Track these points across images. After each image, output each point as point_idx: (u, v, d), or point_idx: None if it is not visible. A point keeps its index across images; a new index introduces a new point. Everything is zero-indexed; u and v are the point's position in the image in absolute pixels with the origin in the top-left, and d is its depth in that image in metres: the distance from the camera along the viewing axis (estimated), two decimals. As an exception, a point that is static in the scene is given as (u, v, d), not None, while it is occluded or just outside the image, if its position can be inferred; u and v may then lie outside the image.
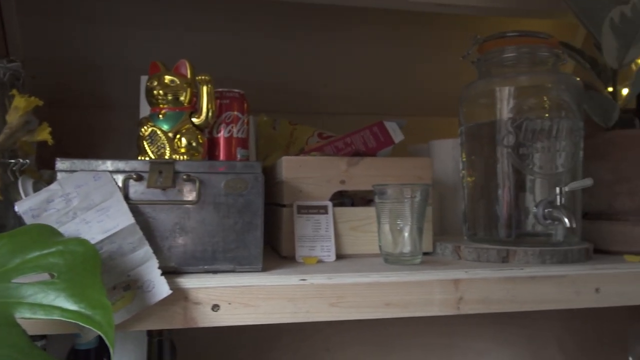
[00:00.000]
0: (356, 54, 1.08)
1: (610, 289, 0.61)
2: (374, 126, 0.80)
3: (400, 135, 0.79)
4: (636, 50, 0.71)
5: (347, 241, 0.67)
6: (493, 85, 0.67)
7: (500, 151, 0.65)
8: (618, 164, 0.69)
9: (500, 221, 0.66)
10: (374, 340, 0.92)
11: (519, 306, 0.59)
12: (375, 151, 0.79)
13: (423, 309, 0.56)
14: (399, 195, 0.62)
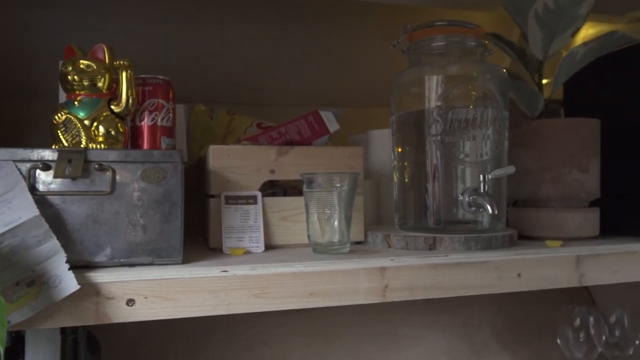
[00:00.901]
0: (299, 45, 1.06)
1: (531, 273, 0.63)
2: (309, 115, 0.79)
3: (336, 125, 0.79)
4: (560, 42, 0.73)
5: (278, 231, 0.66)
6: (422, 74, 0.67)
7: (428, 140, 0.66)
8: (542, 152, 0.71)
9: (428, 209, 0.67)
10: (313, 332, 0.92)
11: (443, 292, 0.60)
12: (311, 140, 0.78)
13: (348, 298, 0.56)
14: (327, 184, 0.61)
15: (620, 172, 0.75)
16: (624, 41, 0.74)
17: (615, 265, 0.67)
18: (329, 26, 1.08)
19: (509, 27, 1.09)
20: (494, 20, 1.06)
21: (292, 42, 1.06)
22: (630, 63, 0.74)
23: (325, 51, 1.08)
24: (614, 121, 0.75)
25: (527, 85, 0.75)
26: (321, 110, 0.80)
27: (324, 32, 1.08)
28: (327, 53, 1.08)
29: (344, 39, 1.09)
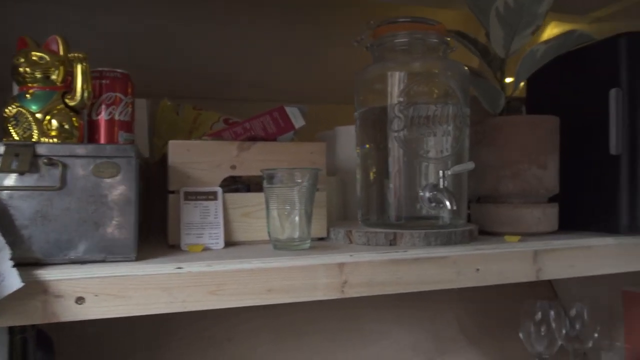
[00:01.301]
0: (268, 40, 1.06)
1: (490, 268, 0.64)
2: (274, 111, 0.79)
3: (302, 121, 0.78)
4: (521, 40, 0.74)
5: (239, 228, 0.66)
6: (384, 70, 0.67)
7: (390, 136, 0.66)
8: (502, 148, 0.72)
9: (390, 205, 0.67)
10: (279, 328, 0.92)
11: (403, 288, 0.60)
12: (275, 136, 0.78)
13: (307, 294, 0.56)
14: (287, 180, 0.61)
15: (578, 169, 0.76)
16: (583, 40, 0.75)
17: (571, 259, 0.68)
18: (298, 22, 1.08)
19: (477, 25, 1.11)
20: (462, 19, 1.07)
21: (261, 38, 1.05)
22: (588, 61, 0.75)
23: (294, 47, 1.07)
24: (573, 118, 0.76)
25: (488, 82, 0.75)
26: (287, 106, 0.79)
27: (294, 27, 1.07)
28: (297, 49, 1.07)
29: (313, 34, 1.08)
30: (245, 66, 1.06)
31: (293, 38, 1.07)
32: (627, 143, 0.70)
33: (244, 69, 1.06)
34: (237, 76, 1.06)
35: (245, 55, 1.06)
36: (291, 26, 1.07)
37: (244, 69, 1.06)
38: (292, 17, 1.08)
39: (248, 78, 1.07)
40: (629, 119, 0.70)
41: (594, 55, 0.74)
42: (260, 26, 1.05)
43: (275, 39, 1.07)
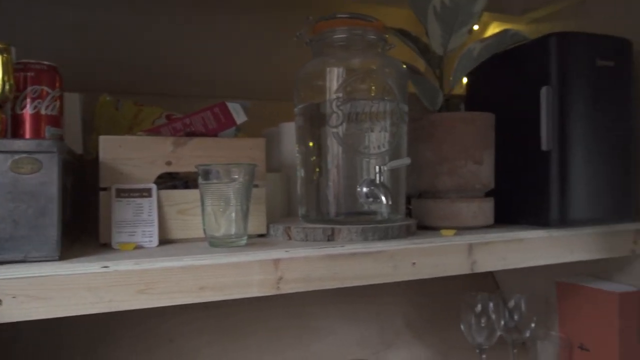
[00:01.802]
0: (217, 35, 1.04)
1: (426, 261, 0.65)
2: (215, 107, 0.77)
3: (243, 117, 0.77)
4: (458, 38, 0.76)
5: (175, 225, 0.64)
6: (323, 66, 0.67)
7: (328, 132, 0.66)
8: (440, 145, 0.73)
9: (329, 201, 0.67)
10: (224, 328, 0.91)
11: (340, 282, 0.60)
12: (216, 132, 0.77)
13: (241, 291, 0.55)
14: (222, 176, 0.60)
15: (512, 164, 0.79)
16: (517, 39, 0.77)
17: (504, 252, 0.70)
18: (245, 17, 1.06)
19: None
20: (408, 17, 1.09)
21: (208, 33, 1.04)
22: (521, 60, 0.78)
23: (242, 43, 1.06)
24: (509, 115, 0.79)
25: (426, 79, 0.77)
26: (229, 101, 0.78)
27: (241, 23, 1.06)
28: (245, 45, 1.06)
29: (260, 30, 1.07)
30: (191, 61, 1.04)
31: (240, 34, 1.06)
32: (557, 139, 0.72)
33: (190, 64, 1.04)
34: (183, 71, 1.04)
35: (191, 50, 1.04)
36: (238, 22, 1.06)
37: (189, 64, 1.04)
38: (239, 12, 1.06)
39: (194, 73, 1.05)
40: (558, 116, 0.72)
41: (527, 55, 0.77)
42: (207, 21, 1.04)
43: (222, 35, 1.05)
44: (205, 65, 1.04)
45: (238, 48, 1.06)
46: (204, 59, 1.04)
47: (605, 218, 0.76)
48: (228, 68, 1.06)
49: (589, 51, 0.73)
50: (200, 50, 1.04)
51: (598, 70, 0.74)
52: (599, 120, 0.74)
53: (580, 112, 0.73)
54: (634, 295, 0.82)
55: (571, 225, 0.74)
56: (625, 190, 0.77)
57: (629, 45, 0.77)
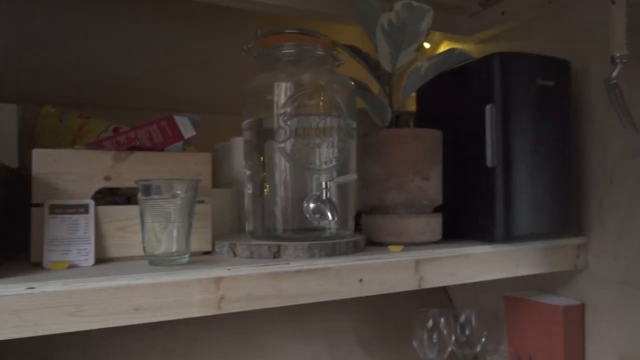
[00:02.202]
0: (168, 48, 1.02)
1: (373, 278, 0.64)
2: (162, 120, 0.76)
3: (192, 131, 0.76)
4: (406, 56, 0.77)
5: (114, 243, 0.62)
6: (270, 80, 0.67)
7: (275, 147, 0.65)
8: (388, 160, 0.73)
9: (276, 218, 0.66)
10: (170, 348, 0.87)
11: (284, 301, 0.59)
12: (163, 147, 0.74)
13: (180, 311, 0.53)
14: (163, 191, 0.58)
15: (460, 180, 0.80)
16: (462, 58, 0.79)
17: (452, 267, 0.71)
18: (199, 31, 1.05)
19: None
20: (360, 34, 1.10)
21: (161, 45, 1.02)
22: (467, 79, 0.79)
23: (197, 56, 1.05)
24: (456, 132, 0.80)
25: (375, 96, 0.77)
26: (177, 115, 0.76)
27: (195, 36, 1.05)
28: (200, 58, 1.05)
29: (216, 44, 1.06)
30: (142, 74, 1.02)
31: (195, 47, 1.05)
32: (501, 156, 0.74)
33: (141, 76, 1.02)
34: (134, 84, 1.02)
35: (143, 63, 1.01)
36: (192, 35, 1.05)
37: (140, 76, 1.02)
38: (194, 26, 1.05)
39: (145, 86, 1.03)
40: (502, 133, 0.74)
41: (472, 73, 0.78)
42: (160, 33, 1.02)
43: (177, 47, 1.03)
44: (157, 78, 1.02)
45: (191, 61, 1.05)
46: (156, 72, 1.02)
47: (549, 233, 0.78)
48: (180, 81, 1.04)
49: (531, 71, 0.76)
50: (152, 63, 1.02)
51: (539, 90, 0.76)
52: (541, 138, 0.76)
53: (523, 129, 0.75)
54: (577, 309, 0.84)
55: (516, 240, 0.76)
56: (567, 206, 0.79)
57: (568, 66, 0.80)
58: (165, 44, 1.03)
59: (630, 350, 0.78)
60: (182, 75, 1.05)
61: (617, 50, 0.72)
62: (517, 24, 0.97)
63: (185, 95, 1.07)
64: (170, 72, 1.03)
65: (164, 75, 1.03)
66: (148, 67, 1.02)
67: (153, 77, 1.02)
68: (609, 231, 0.81)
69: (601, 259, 0.82)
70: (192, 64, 1.05)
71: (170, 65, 1.04)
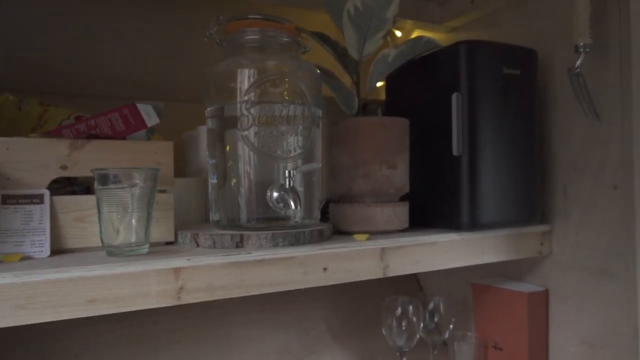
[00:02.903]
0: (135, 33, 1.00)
1: (337, 267, 0.64)
2: (124, 108, 0.74)
3: (156, 119, 0.74)
4: (373, 43, 0.76)
5: (71, 234, 0.60)
6: (233, 67, 0.65)
7: (238, 135, 0.64)
8: (355, 149, 0.73)
9: (240, 206, 0.66)
10: (136, 340, 0.86)
11: (246, 291, 0.58)
12: (125, 135, 0.73)
13: (138, 302, 0.52)
14: (121, 181, 0.56)
15: (427, 169, 0.80)
16: (430, 46, 0.79)
17: (417, 255, 0.71)
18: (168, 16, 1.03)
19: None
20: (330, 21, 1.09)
21: (127, 30, 0.99)
22: (435, 67, 0.79)
23: (164, 42, 1.02)
24: (424, 121, 0.80)
25: (342, 84, 0.77)
26: (140, 102, 0.75)
27: (163, 22, 1.02)
28: (167, 44, 1.02)
29: (184, 30, 1.04)
30: (110, 61, 0.99)
31: (162, 33, 1.02)
32: (467, 144, 0.74)
33: (108, 64, 0.99)
34: (99, 71, 0.99)
35: (110, 49, 0.99)
36: (161, 21, 1.02)
37: (107, 64, 0.99)
38: (161, 12, 1.02)
39: (109, 74, 1.00)
40: (468, 122, 0.74)
41: (440, 62, 0.78)
42: (127, 19, 0.99)
43: (142, 33, 1.01)
44: (124, 65, 1.00)
45: (159, 49, 1.02)
46: (123, 59, 0.99)
47: (514, 221, 0.79)
48: (148, 69, 1.02)
49: (496, 59, 0.76)
50: (119, 50, 0.99)
51: (505, 78, 0.76)
52: (506, 126, 0.77)
53: (488, 118, 0.75)
54: (541, 295, 0.85)
55: (482, 228, 0.76)
56: (531, 194, 0.80)
57: (534, 55, 0.81)
58: (132, 30, 1.00)
59: (590, 334, 0.80)
60: (150, 62, 1.02)
61: (581, 39, 0.73)
62: (486, 12, 0.97)
63: (153, 83, 1.05)
64: (137, 59, 1.01)
65: (132, 63, 1.01)
66: (115, 54, 0.99)
67: (120, 64, 1.00)
68: (572, 219, 0.82)
69: (564, 246, 0.83)
70: (160, 52, 1.03)
71: (137, 52, 1.01)
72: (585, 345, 0.80)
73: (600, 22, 0.76)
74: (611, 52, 0.76)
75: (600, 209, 0.78)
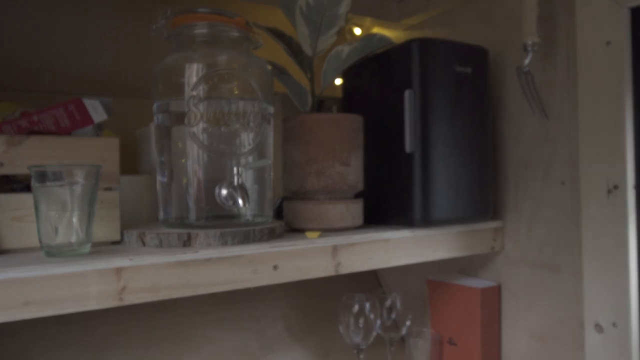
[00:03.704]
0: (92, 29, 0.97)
1: (288, 265, 0.64)
2: (70, 103, 0.71)
3: (103, 115, 0.72)
4: (326, 40, 0.76)
5: (9, 234, 0.57)
6: (182, 62, 0.64)
7: (185, 131, 0.63)
8: (307, 145, 0.72)
9: (188, 204, 0.64)
10: (86, 342, 0.83)
11: (192, 290, 0.57)
12: (70, 131, 0.70)
13: (76, 304, 0.51)
14: (60, 178, 0.54)
15: (382, 166, 0.80)
16: (383, 43, 0.79)
17: (370, 252, 0.71)
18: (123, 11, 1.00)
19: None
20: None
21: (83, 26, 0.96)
22: (389, 64, 0.79)
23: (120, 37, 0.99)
24: (379, 118, 0.80)
25: (295, 80, 0.76)
26: (87, 98, 0.72)
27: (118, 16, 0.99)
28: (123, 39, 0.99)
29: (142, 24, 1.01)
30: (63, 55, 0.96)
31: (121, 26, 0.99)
32: (419, 142, 0.75)
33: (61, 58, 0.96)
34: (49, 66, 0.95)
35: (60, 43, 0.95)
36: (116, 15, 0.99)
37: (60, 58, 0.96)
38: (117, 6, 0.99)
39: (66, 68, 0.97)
40: (420, 119, 0.75)
41: (393, 59, 0.78)
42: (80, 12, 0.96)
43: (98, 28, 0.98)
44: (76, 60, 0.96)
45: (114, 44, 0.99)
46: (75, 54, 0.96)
47: (466, 217, 0.80)
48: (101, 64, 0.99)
49: (449, 57, 0.76)
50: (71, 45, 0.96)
51: (457, 76, 0.77)
52: (458, 124, 0.77)
53: (440, 115, 0.76)
54: (493, 290, 0.87)
55: (434, 225, 0.77)
56: (483, 190, 0.81)
57: (485, 53, 0.82)
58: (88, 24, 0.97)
59: (539, 327, 0.82)
60: (103, 57, 0.99)
61: (529, 38, 0.74)
62: (442, 11, 0.98)
63: (107, 79, 1.02)
64: (91, 54, 0.98)
65: (85, 58, 0.97)
66: (65, 48, 0.96)
67: (72, 59, 0.96)
68: (523, 215, 0.84)
69: (516, 242, 0.85)
70: (115, 47, 1.00)
71: (91, 47, 0.98)
72: (535, 339, 0.82)
73: (549, 22, 0.78)
74: (559, 52, 0.77)
75: (549, 205, 0.80)
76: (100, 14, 0.98)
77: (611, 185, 0.69)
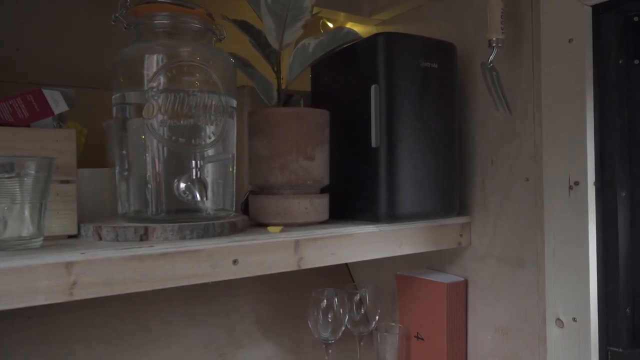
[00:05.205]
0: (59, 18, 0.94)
1: (249, 259, 0.63)
2: (29, 94, 0.70)
3: (64, 106, 0.71)
4: (292, 33, 0.75)
5: (-42, 227, 0.56)
6: (141, 52, 0.63)
7: (145, 123, 0.62)
8: (272, 139, 0.72)
9: (146, 198, 0.63)
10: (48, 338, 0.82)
11: (148, 285, 0.56)
12: (28, 122, 0.69)
13: (25, 299, 0.49)
14: (8, 170, 0.53)
15: (348, 161, 0.80)
16: (350, 37, 0.79)
17: (333, 247, 0.71)
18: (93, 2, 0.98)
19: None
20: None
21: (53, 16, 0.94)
22: (356, 59, 0.79)
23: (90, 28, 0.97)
24: (346, 112, 0.80)
25: (260, 73, 0.75)
26: (47, 88, 0.71)
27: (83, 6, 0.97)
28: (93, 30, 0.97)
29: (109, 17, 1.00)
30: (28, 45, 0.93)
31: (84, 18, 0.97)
32: (385, 136, 0.74)
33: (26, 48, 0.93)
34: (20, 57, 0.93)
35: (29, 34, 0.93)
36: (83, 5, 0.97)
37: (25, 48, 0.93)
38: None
39: (30, 59, 0.95)
40: (386, 114, 0.74)
41: (360, 53, 0.78)
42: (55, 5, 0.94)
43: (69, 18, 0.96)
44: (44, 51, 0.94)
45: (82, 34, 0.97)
46: (42, 44, 0.94)
47: (432, 213, 0.80)
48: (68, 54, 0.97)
49: (415, 52, 0.76)
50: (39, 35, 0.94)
51: (423, 71, 0.77)
52: (424, 119, 0.77)
53: (406, 110, 0.75)
54: (460, 285, 0.87)
55: (400, 220, 0.77)
56: (450, 186, 0.82)
57: (452, 49, 0.82)
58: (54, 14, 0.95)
59: (505, 321, 0.82)
60: (70, 48, 0.97)
61: (494, 34, 0.74)
62: (413, 7, 0.98)
63: (74, 70, 1.00)
64: (57, 44, 0.96)
65: (52, 48, 0.95)
66: (33, 38, 0.94)
67: (39, 49, 0.94)
68: (490, 211, 0.84)
69: (482, 237, 0.86)
70: (83, 38, 0.98)
71: (58, 37, 0.96)
72: (500, 333, 0.83)
73: (515, 19, 0.78)
74: (524, 49, 0.78)
75: (514, 201, 0.80)
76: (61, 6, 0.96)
77: (572, 181, 0.70)
